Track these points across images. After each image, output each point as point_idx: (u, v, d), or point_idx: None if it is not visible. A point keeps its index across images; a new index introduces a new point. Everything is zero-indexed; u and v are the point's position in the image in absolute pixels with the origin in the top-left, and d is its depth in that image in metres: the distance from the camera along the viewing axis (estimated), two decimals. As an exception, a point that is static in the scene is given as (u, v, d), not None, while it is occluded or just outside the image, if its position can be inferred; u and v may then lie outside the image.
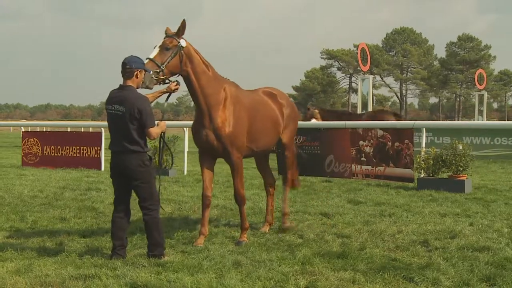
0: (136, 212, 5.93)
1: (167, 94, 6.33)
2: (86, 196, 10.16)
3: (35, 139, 16.93)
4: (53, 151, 16.48)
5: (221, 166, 9.33)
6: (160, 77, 6.00)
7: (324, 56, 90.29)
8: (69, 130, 23.17)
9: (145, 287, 4.73)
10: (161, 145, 6.21)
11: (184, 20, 6.20)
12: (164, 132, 6.11)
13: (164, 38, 6.21)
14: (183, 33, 6.22)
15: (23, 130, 18.65)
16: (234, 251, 5.99)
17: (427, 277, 4.97)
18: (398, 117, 17.43)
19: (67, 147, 16.27)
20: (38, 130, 27.54)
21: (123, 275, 5.00)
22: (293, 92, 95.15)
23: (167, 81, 6.18)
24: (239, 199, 6.66)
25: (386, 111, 20.70)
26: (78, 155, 15.99)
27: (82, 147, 16.03)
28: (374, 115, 17.07)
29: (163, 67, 6.01)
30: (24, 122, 48.51)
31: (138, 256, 5.76)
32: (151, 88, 6.02)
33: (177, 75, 6.28)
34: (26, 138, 17.03)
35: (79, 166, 15.67)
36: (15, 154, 21.66)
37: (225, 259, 5.58)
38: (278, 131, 7.23)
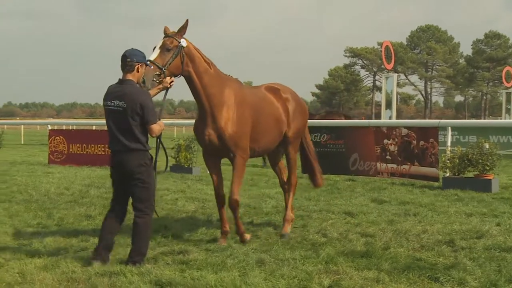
0: (159, 210, 5.91)
1: (164, 92, 5.92)
2: (111, 194, 10.23)
3: (61, 137, 17.18)
4: (78, 149, 16.71)
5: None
6: (161, 79, 5.75)
7: (347, 54, 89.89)
8: (94, 129, 23.48)
9: (169, 284, 4.76)
10: (158, 145, 5.89)
11: (187, 20, 5.97)
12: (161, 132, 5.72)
13: (164, 38, 5.90)
14: (184, 33, 5.93)
15: (50, 128, 18.95)
16: (257, 250, 6.00)
17: (453, 277, 4.91)
18: (347, 117, 19.98)
19: (92, 145, 16.48)
20: (64, 129, 27.99)
21: (147, 273, 5.04)
22: (317, 91, 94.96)
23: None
24: (233, 203, 6.36)
25: (337, 112, 21.98)
26: (103, 153, 16.13)
27: (107, 145, 16.14)
28: (325, 116, 19.31)
29: (164, 69, 5.73)
30: (50, 120, 49.20)
31: (162, 254, 5.81)
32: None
33: (178, 76, 6.02)
34: (53, 136, 17.29)
35: (104, 164, 15.74)
36: (42, 152, 21.99)
37: (248, 257, 5.59)
38: (281, 130, 6.94)
